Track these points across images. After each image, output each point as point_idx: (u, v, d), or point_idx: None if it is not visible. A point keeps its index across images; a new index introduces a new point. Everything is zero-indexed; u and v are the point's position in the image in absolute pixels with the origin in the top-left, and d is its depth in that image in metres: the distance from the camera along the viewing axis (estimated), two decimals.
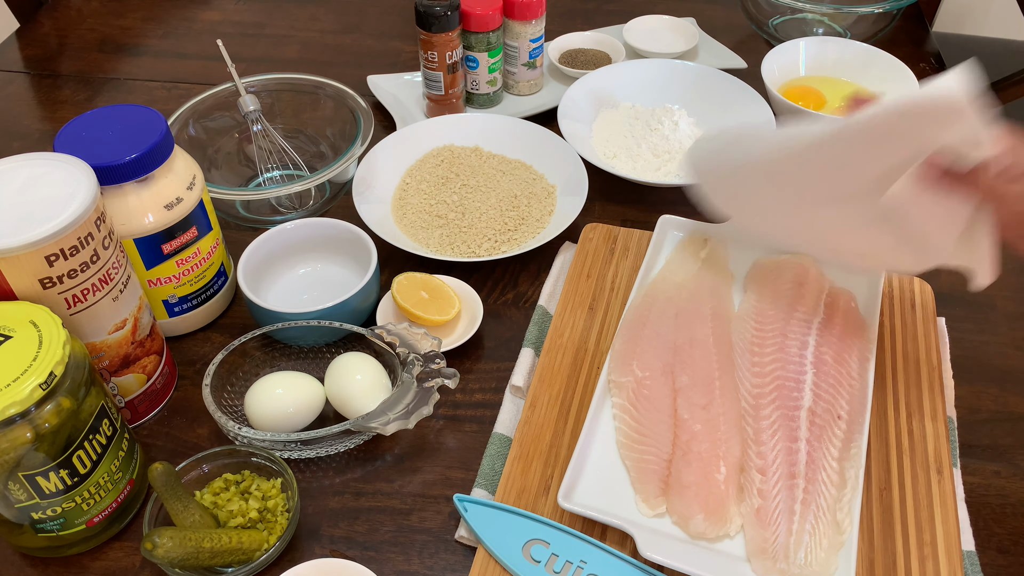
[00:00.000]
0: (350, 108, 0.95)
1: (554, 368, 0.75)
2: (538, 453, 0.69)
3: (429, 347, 0.72)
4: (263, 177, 0.96)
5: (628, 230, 0.88)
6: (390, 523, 0.67)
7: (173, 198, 0.72)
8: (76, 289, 0.62)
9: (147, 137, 0.70)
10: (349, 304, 0.76)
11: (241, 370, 0.74)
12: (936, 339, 0.77)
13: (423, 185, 0.93)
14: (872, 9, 1.13)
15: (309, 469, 0.71)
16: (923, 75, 1.11)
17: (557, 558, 0.62)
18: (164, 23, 1.24)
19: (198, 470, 0.67)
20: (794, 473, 0.64)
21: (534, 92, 1.09)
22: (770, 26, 1.20)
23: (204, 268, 0.78)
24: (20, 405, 0.54)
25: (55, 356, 0.56)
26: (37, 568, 0.65)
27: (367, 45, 1.20)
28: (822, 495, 0.64)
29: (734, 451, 0.66)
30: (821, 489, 0.64)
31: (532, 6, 1.00)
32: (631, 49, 1.14)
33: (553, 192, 0.92)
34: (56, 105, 1.10)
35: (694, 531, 0.63)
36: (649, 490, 0.65)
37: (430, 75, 1.00)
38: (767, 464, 0.65)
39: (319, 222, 0.83)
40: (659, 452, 0.67)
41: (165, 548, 0.59)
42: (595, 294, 0.81)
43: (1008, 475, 0.71)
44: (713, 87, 1.02)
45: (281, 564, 0.63)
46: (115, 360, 0.69)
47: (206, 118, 0.96)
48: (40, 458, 0.57)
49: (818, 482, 0.64)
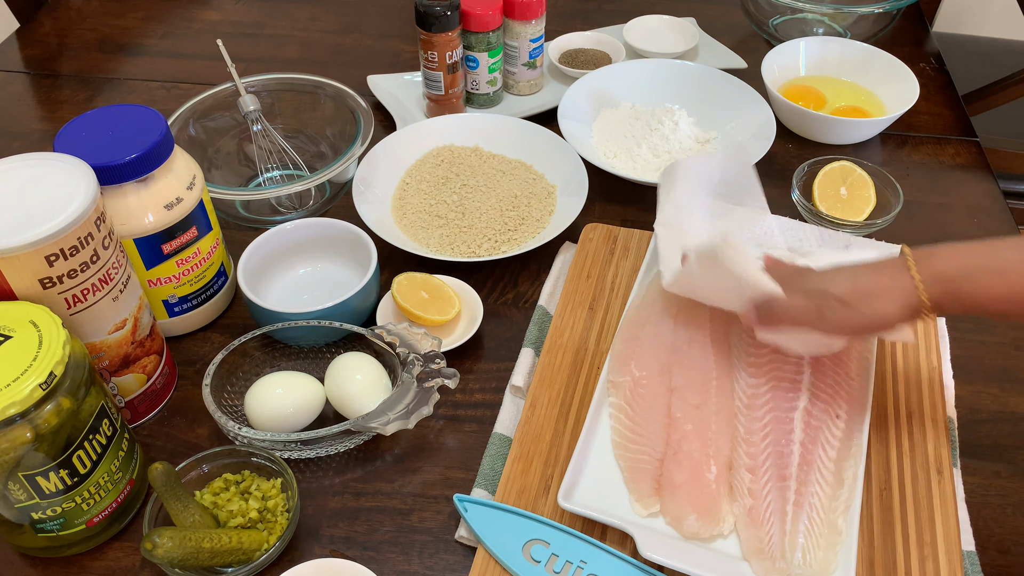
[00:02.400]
0: (350, 108, 0.95)
1: (554, 368, 0.75)
2: (538, 453, 0.69)
3: (429, 347, 0.72)
4: (263, 177, 0.96)
5: (628, 230, 0.88)
6: (390, 523, 0.67)
7: (173, 198, 0.72)
8: (76, 289, 0.62)
9: (147, 137, 0.70)
10: (349, 304, 0.76)
11: (241, 370, 0.74)
12: (936, 339, 0.77)
13: (423, 185, 0.93)
14: (872, 9, 1.13)
15: (309, 469, 0.71)
16: (923, 75, 1.11)
17: (557, 558, 0.62)
18: (164, 23, 1.24)
19: (198, 470, 0.67)
20: (785, 475, 0.64)
21: (534, 92, 1.09)
22: (770, 26, 1.20)
23: (204, 268, 0.78)
24: (20, 405, 0.54)
25: (55, 356, 0.55)
26: (37, 568, 0.65)
27: (367, 45, 1.20)
28: (816, 495, 0.64)
29: (724, 450, 0.67)
30: (815, 489, 0.64)
31: (532, 6, 1.00)
32: (631, 49, 1.14)
33: (553, 192, 0.92)
34: (56, 105, 1.10)
35: (687, 531, 0.63)
36: (642, 489, 0.65)
37: (430, 75, 1.00)
38: (756, 464, 0.65)
39: (319, 222, 0.83)
40: (652, 452, 0.67)
41: (165, 548, 0.59)
42: (595, 294, 0.81)
43: (1008, 475, 0.71)
44: (713, 87, 1.02)
45: (281, 564, 0.63)
46: (115, 360, 0.69)
47: (206, 118, 0.96)
48: (40, 458, 0.57)
49: (811, 483, 0.64)
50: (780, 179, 0.97)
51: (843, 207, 0.89)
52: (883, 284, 0.60)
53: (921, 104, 1.05)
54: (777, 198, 0.95)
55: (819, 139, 1.02)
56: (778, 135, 0.98)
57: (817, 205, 0.89)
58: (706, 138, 0.99)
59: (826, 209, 0.88)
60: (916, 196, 0.96)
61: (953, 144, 1.03)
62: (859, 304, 0.60)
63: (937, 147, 1.03)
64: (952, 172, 0.99)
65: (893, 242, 0.90)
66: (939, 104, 1.09)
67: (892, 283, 0.60)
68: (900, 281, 0.60)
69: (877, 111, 1.04)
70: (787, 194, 0.95)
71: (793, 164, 0.97)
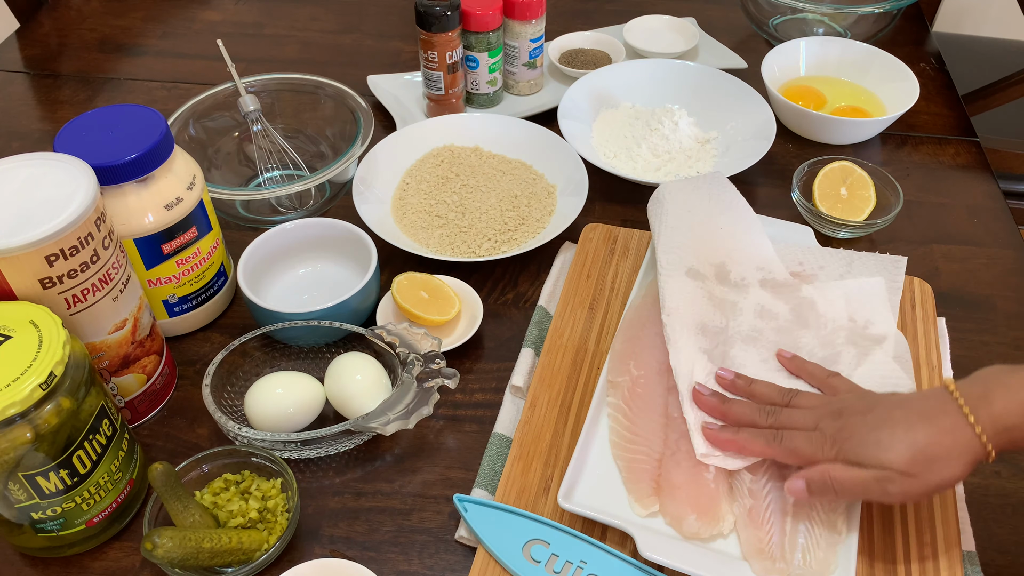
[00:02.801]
0: (350, 108, 0.95)
1: (554, 368, 0.75)
2: (538, 453, 0.69)
3: (429, 347, 0.72)
4: (263, 177, 0.96)
5: (628, 230, 0.88)
6: (390, 523, 0.67)
7: (173, 198, 0.72)
8: (76, 289, 0.62)
9: (147, 137, 0.70)
10: (349, 304, 0.76)
11: (241, 370, 0.74)
12: (936, 339, 0.77)
13: (423, 185, 0.93)
14: (872, 9, 1.13)
15: (309, 469, 0.71)
16: (923, 75, 1.11)
17: (557, 558, 0.62)
18: (164, 23, 1.24)
19: (198, 470, 0.67)
20: (785, 475, 0.64)
21: (534, 92, 1.09)
22: (770, 26, 1.20)
23: (204, 268, 0.78)
24: (20, 405, 0.54)
25: (55, 356, 0.55)
26: (37, 568, 0.65)
27: (367, 45, 1.20)
28: None
29: None
30: None
31: (532, 6, 1.00)
32: (631, 49, 1.14)
33: (553, 192, 0.92)
34: (56, 105, 1.10)
35: (687, 531, 0.63)
36: (641, 490, 0.65)
37: (430, 75, 1.00)
38: (756, 464, 0.65)
39: (319, 222, 0.83)
40: (650, 451, 0.67)
41: (165, 548, 0.59)
42: (595, 294, 0.81)
43: (1008, 475, 0.71)
44: (713, 87, 1.02)
45: (281, 564, 0.63)
46: (115, 360, 0.69)
47: (206, 118, 0.96)
48: (40, 458, 0.57)
49: None
50: (780, 179, 0.97)
51: (843, 207, 0.89)
52: (945, 445, 0.56)
53: (921, 104, 1.05)
54: (777, 198, 0.95)
55: (819, 139, 1.02)
56: (778, 135, 0.98)
57: (817, 205, 0.89)
58: (706, 138, 0.99)
59: (826, 209, 0.88)
60: (916, 196, 0.96)
61: (953, 144, 1.03)
62: (924, 472, 0.56)
63: (937, 147, 1.03)
64: (952, 172, 0.99)
65: (893, 243, 0.90)
66: (939, 104, 1.09)
67: (954, 442, 0.56)
68: (962, 437, 0.56)
69: (877, 111, 1.04)
70: (787, 194, 0.95)
71: (793, 164, 0.97)
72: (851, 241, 0.89)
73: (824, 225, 0.89)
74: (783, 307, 0.74)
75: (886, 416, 0.58)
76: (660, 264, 0.75)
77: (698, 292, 0.74)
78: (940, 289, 0.84)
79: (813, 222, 0.89)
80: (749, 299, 0.74)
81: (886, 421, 0.58)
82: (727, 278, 0.76)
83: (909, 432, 0.57)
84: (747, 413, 0.65)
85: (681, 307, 0.72)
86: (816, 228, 0.89)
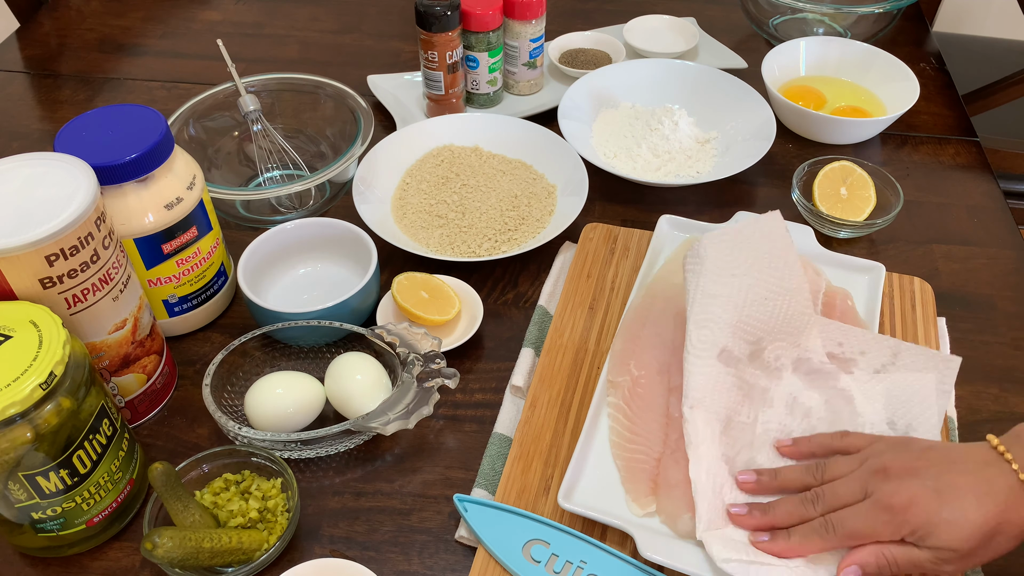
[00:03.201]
0: (350, 108, 0.95)
1: (554, 368, 0.75)
2: (538, 453, 0.69)
3: (429, 347, 0.72)
4: (263, 177, 0.96)
5: (628, 230, 0.88)
6: (390, 523, 0.67)
7: (173, 198, 0.72)
8: (76, 289, 0.62)
9: (147, 137, 0.70)
10: (349, 304, 0.76)
11: (241, 370, 0.74)
12: (936, 339, 0.77)
13: (423, 185, 0.93)
14: (872, 9, 1.13)
15: (309, 469, 0.71)
16: (923, 75, 1.11)
17: (557, 558, 0.62)
18: (164, 23, 1.24)
19: (198, 470, 0.67)
20: None
21: (534, 92, 1.09)
22: (770, 26, 1.20)
23: (204, 268, 0.78)
24: (20, 405, 0.54)
25: (55, 356, 0.56)
26: (37, 568, 0.65)
27: (367, 45, 1.20)
28: None
29: None
30: None
31: (532, 6, 1.00)
32: (631, 49, 1.14)
33: (553, 192, 0.92)
34: (56, 105, 1.10)
35: (682, 530, 0.63)
36: (639, 489, 0.65)
37: (430, 75, 1.00)
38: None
39: (319, 222, 0.83)
40: (649, 451, 0.67)
41: (165, 548, 0.59)
42: (595, 294, 0.81)
43: None
44: (713, 87, 1.02)
45: (281, 564, 0.63)
46: (115, 360, 0.69)
47: (206, 118, 0.96)
48: (40, 458, 0.57)
49: None
50: (780, 179, 0.97)
51: (843, 207, 0.89)
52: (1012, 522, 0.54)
53: (921, 104, 1.05)
54: (777, 198, 0.95)
55: (819, 139, 1.02)
56: (778, 135, 0.98)
57: (817, 205, 0.89)
58: (706, 138, 0.99)
59: (826, 209, 0.88)
60: (916, 196, 0.96)
61: (953, 144, 1.03)
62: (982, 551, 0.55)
63: (937, 147, 1.03)
64: (952, 172, 0.99)
65: (893, 243, 0.90)
66: (939, 104, 1.09)
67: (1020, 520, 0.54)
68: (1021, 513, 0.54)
69: (877, 111, 1.04)
70: (787, 194, 0.95)
71: (793, 164, 0.98)
72: (851, 241, 0.90)
73: (824, 225, 0.89)
74: (817, 399, 0.68)
75: (948, 485, 0.55)
76: (690, 339, 0.68)
77: (728, 379, 0.67)
78: (940, 289, 0.84)
79: (813, 222, 0.89)
80: (781, 386, 0.68)
81: (950, 493, 0.55)
82: (760, 356, 0.69)
83: (979, 510, 0.54)
84: (794, 511, 0.60)
85: (706, 399, 0.66)
86: (816, 228, 0.89)
